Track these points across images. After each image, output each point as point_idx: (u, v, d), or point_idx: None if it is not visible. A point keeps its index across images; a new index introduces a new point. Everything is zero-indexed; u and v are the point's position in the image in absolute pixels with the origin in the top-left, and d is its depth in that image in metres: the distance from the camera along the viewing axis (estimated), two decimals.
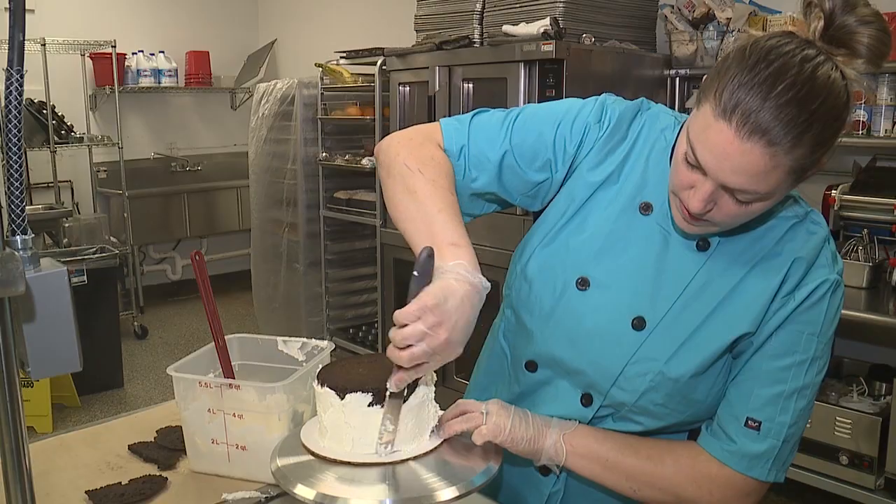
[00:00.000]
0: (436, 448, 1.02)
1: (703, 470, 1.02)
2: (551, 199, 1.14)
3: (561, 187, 1.13)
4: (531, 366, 1.14)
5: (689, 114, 0.98)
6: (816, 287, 0.99)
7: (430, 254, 0.91)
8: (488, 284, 0.92)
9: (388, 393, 0.96)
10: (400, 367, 0.90)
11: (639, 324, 1.03)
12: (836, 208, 2.76)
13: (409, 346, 0.87)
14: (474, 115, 1.16)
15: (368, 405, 0.98)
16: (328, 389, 1.01)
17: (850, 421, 2.54)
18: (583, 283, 1.06)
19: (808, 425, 2.59)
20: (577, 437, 1.05)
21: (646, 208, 1.06)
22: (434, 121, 1.17)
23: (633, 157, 1.09)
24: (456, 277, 0.90)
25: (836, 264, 1.02)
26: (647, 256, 1.05)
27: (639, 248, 1.05)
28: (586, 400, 1.09)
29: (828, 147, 0.88)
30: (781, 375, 0.99)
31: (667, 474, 1.03)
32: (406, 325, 0.87)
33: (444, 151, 1.11)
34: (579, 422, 1.10)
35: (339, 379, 1.02)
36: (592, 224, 1.08)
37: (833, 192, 2.77)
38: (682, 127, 1.01)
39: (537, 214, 1.17)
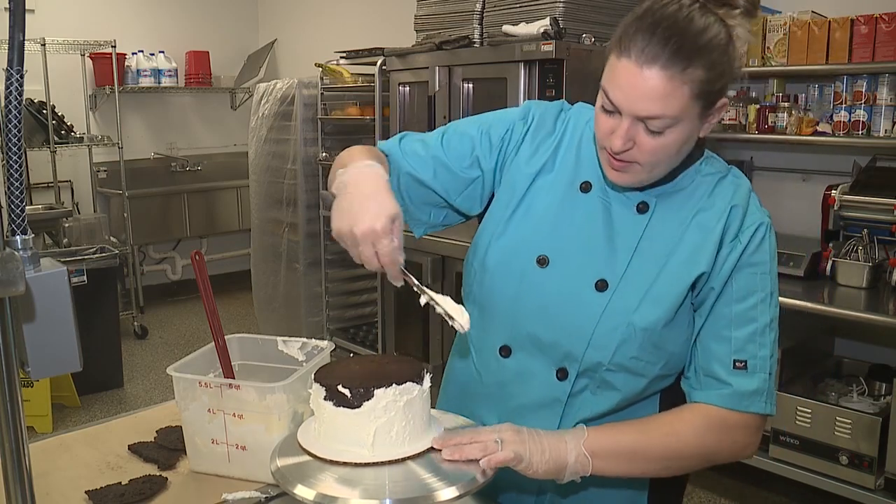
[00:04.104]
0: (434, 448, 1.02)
1: (718, 422, 1.08)
2: (490, 199, 1.24)
3: (500, 184, 1.23)
4: (505, 351, 1.18)
5: None
6: (756, 230, 1.09)
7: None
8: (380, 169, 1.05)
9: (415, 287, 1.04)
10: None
11: (602, 285, 1.11)
12: (836, 208, 2.76)
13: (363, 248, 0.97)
14: (407, 133, 1.29)
15: (353, 407, 0.99)
16: (321, 389, 1.01)
17: (850, 421, 2.54)
18: (542, 262, 1.14)
19: (808, 426, 2.59)
20: (595, 442, 1.05)
21: (586, 187, 1.17)
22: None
23: (563, 146, 1.21)
24: (352, 170, 1.03)
25: (764, 209, 1.13)
26: (595, 227, 1.14)
27: (586, 221, 1.15)
28: (561, 374, 1.13)
29: (721, 75, 1.01)
30: (751, 314, 1.09)
31: (690, 441, 1.08)
32: (345, 237, 0.98)
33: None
34: (585, 424, 1.11)
35: (333, 379, 1.02)
36: (538, 208, 1.18)
37: (833, 192, 2.77)
38: None
39: (481, 216, 1.27)
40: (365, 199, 0.99)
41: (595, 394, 1.13)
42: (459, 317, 1.03)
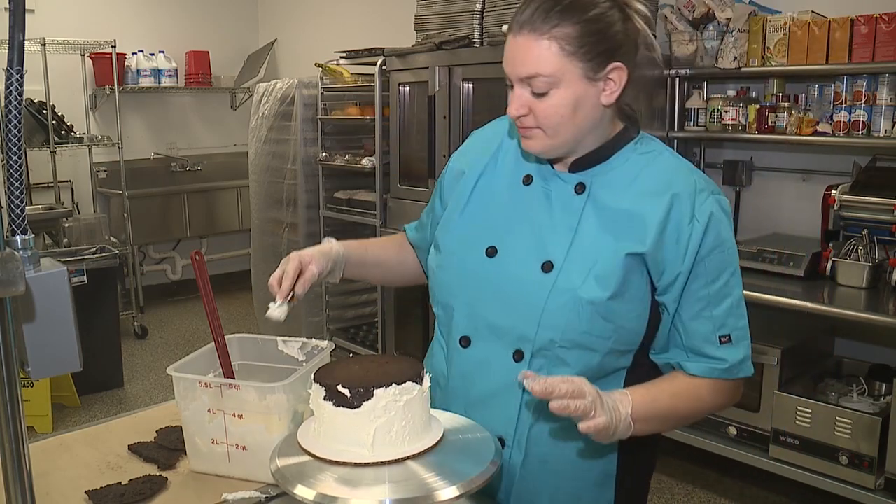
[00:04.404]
0: (435, 447, 1.02)
1: (721, 387, 1.19)
2: None
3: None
4: (465, 341, 1.24)
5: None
6: (713, 209, 1.14)
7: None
8: (331, 242, 1.36)
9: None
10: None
11: (548, 266, 1.17)
12: (836, 208, 2.76)
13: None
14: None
15: (352, 407, 0.99)
16: (321, 389, 1.01)
17: (850, 421, 2.54)
18: (491, 252, 1.22)
19: (808, 426, 2.59)
20: (639, 409, 1.11)
21: (527, 180, 1.24)
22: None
23: (503, 148, 1.30)
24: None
25: (710, 183, 1.19)
26: (538, 214, 1.21)
27: (530, 210, 1.22)
28: (518, 356, 1.18)
29: (599, 33, 1.09)
30: (725, 290, 1.16)
31: (708, 401, 1.19)
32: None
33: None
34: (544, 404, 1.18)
35: (333, 379, 1.02)
36: (485, 206, 1.27)
37: (833, 192, 2.77)
38: None
39: None
40: (313, 250, 1.32)
41: (551, 373, 1.16)
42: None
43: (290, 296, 1.24)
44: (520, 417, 1.20)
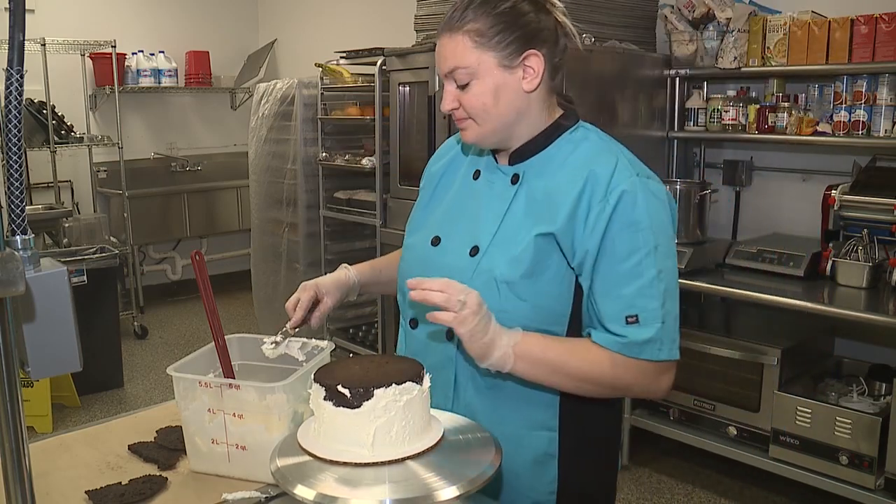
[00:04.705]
0: (435, 447, 1.02)
1: (628, 364, 1.17)
2: None
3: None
4: (413, 323, 1.34)
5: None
6: (625, 190, 1.16)
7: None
8: (347, 270, 1.49)
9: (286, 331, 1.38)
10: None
11: (474, 251, 1.25)
12: (836, 208, 2.76)
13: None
14: None
15: (352, 407, 0.99)
16: (321, 389, 1.01)
17: (850, 421, 2.54)
18: (435, 242, 1.32)
19: (808, 426, 2.58)
20: (525, 347, 1.15)
21: (476, 175, 1.34)
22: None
23: (463, 149, 1.40)
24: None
25: (635, 166, 1.21)
26: (478, 205, 1.30)
27: (472, 202, 1.31)
28: (449, 334, 1.26)
29: (509, 25, 1.18)
30: (636, 271, 1.16)
31: (606, 372, 1.17)
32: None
33: None
34: (479, 377, 1.25)
35: (333, 379, 1.02)
36: (441, 200, 1.38)
37: (833, 192, 2.77)
38: None
39: None
40: (330, 277, 1.47)
41: None
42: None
43: (300, 325, 1.38)
44: (455, 392, 1.27)
